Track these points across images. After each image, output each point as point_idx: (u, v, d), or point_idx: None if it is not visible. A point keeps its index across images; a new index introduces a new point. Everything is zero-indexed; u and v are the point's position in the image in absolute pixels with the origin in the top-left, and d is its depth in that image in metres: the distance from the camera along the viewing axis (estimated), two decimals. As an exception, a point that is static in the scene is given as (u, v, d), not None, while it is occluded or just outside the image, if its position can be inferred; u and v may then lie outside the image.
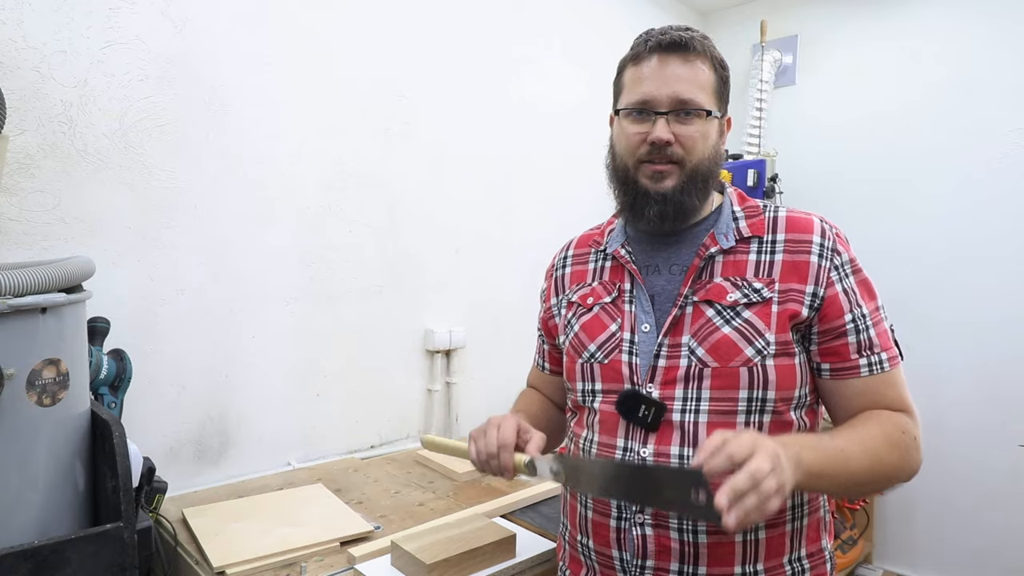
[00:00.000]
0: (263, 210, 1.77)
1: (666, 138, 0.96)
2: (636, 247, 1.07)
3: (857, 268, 0.98)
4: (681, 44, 0.97)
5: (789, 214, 1.01)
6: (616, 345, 1.01)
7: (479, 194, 2.31)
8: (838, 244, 0.97)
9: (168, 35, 1.57)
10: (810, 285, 0.94)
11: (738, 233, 1.00)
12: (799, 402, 0.97)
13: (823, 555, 1.02)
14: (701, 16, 3.29)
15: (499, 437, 0.97)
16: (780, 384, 0.94)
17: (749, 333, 0.93)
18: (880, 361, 0.95)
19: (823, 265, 0.95)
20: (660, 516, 0.94)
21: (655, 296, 1.01)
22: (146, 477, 1.21)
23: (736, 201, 1.05)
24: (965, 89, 2.56)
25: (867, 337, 0.95)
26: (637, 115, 0.99)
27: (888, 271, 2.73)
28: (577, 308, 1.09)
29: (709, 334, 0.95)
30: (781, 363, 0.94)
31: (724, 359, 0.93)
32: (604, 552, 1.00)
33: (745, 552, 0.94)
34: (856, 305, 0.96)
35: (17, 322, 0.90)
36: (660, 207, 0.98)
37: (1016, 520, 2.49)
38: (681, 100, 0.96)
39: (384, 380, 2.08)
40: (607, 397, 1.01)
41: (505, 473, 0.97)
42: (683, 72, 0.97)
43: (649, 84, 0.97)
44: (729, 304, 0.95)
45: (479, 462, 1.00)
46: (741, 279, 0.97)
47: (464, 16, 2.22)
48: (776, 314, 0.94)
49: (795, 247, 0.97)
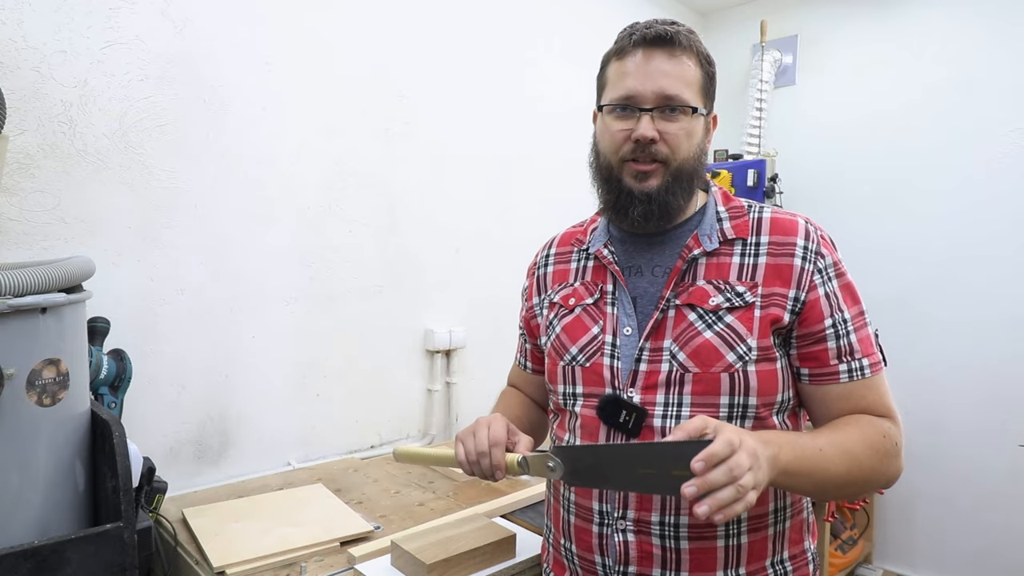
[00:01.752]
0: (263, 210, 1.77)
1: (651, 135, 0.93)
2: (619, 247, 1.05)
3: (841, 272, 0.96)
4: (666, 38, 0.94)
5: (774, 215, 0.99)
6: (598, 348, 1.00)
7: (479, 194, 2.31)
8: (822, 247, 0.95)
9: (168, 35, 1.57)
10: (792, 289, 0.93)
11: (722, 235, 0.98)
12: (781, 407, 0.96)
13: (806, 557, 1.01)
14: (701, 16, 3.29)
15: (490, 436, 0.95)
16: (762, 390, 0.93)
17: (731, 338, 0.92)
18: (861, 367, 0.94)
19: (806, 268, 0.93)
20: (642, 523, 0.93)
21: (637, 298, 1.00)
22: (146, 477, 1.20)
23: (720, 201, 1.03)
24: (965, 89, 2.56)
25: (847, 343, 0.93)
26: (621, 111, 0.96)
27: (888, 270, 2.73)
28: (559, 309, 1.07)
29: (691, 339, 0.93)
30: (763, 368, 0.93)
31: (705, 364, 0.92)
32: (586, 557, 0.99)
33: (727, 557, 0.93)
34: (837, 310, 0.94)
35: (17, 322, 0.90)
36: (645, 207, 0.96)
37: (1016, 520, 2.49)
38: (666, 96, 0.93)
39: (384, 380, 2.08)
40: (588, 401, 1.00)
41: (496, 472, 0.94)
42: (668, 67, 0.94)
43: (633, 79, 0.95)
44: (711, 308, 0.94)
45: (468, 463, 0.96)
46: (724, 283, 0.95)
47: (464, 16, 2.22)
48: (759, 319, 0.92)
49: (779, 250, 0.95)
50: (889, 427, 0.93)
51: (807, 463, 0.84)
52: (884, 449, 0.90)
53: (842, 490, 0.93)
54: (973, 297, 2.57)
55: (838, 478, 0.87)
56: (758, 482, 0.74)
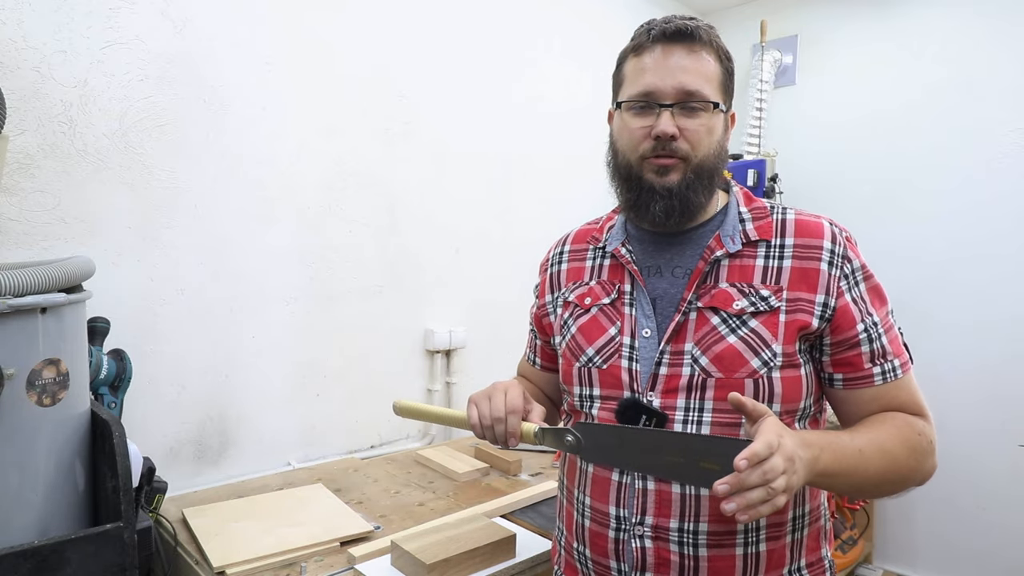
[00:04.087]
0: (263, 210, 1.77)
1: (671, 131, 0.91)
2: (637, 246, 1.02)
3: (868, 274, 0.95)
4: (686, 33, 0.92)
5: (798, 217, 0.96)
6: (615, 350, 0.97)
7: (479, 194, 2.31)
8: (848, 250, 0.94)
9: (168, 35, 1.57)
10: (820, 294, 0.91)
11: (744, 236, 0.96)
12: (803, 413, 0.95)
13: (823, 564, 1.00)
14: (701, 16, 3.28)
15: (507, 402, 0.93)
16: (786, 396, 0.91)
17: (756, 343, 0.90)
18: (893, 368, 0.93)
19: (833, 274, 0.92)
20: (660, 529, 0.92)
21: (656, 299, 0.97)
22: (146, 477, 1.20)
23: (743, 201, 1.00)
24: (965, 89, 2.56)
25: (880, 345, 0.92)
26: (640, 108, 0.94)
27: (888, 271, 2.70)
28: (574, 308, 1.05)
29: (714, 343, 0.91)
30: (787, 375, 0.91)
31: (729, 370, 0.90)
32: (601, 562, 0.98)
33: (746, 565, 0.92)
34: (867, 314, 0.93)
35: (17, 322, 0.90)
36: (666, 202, 0.93)
37: (1016, 520, 2.49)
38: (687, 91, 0.91)
39: (384, 380, 2.08)
40: (606, 403, 0.98)
41: (510, 439, 0.92)
42: (688, 63, 0.92)
43: (652, 75, 0.92)
44: (735, 312, 0.91)
45: (480, 427, 0.94)
46: (748, 286, 0.93)
47: (464, 16, 2.22)
48: (784, 324, 0.90)
49: (804, 252, 0.93)
50: (924, 425, 0.93)
51: (846, 464, 0.84)
52: (920, 447, 0.90)
53: (879, 488, 0.93)
54: (973, 297, 2.57)
55: (876, 477, 0.87)
56: (790, 486, 0.74)
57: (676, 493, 0.91)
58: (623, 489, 0.95)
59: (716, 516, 0.90)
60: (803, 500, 0.97)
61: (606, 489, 0.97)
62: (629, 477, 0.94)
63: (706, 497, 0.90)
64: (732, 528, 0.91)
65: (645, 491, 0.93)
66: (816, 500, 1.00)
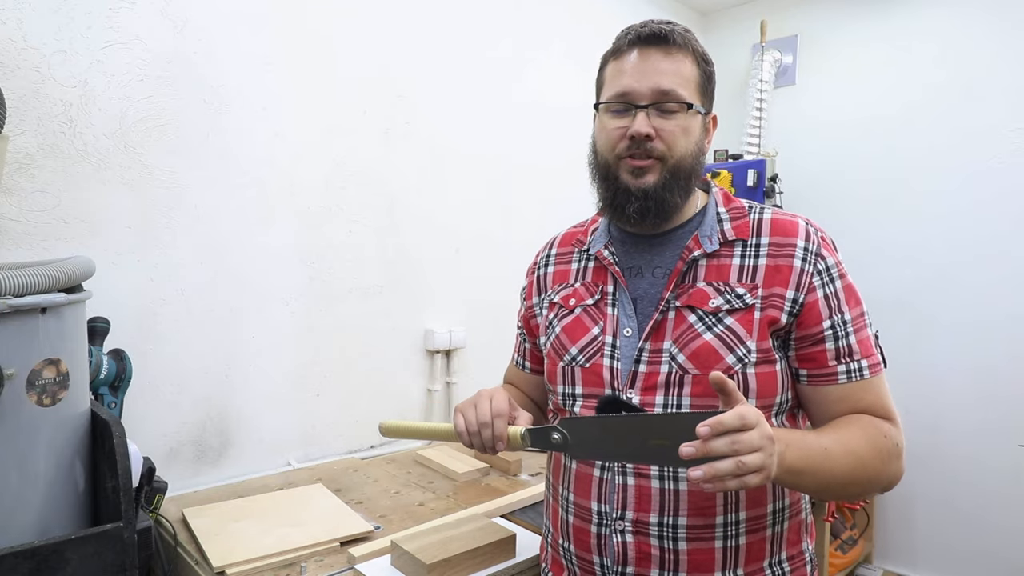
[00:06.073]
0: (263, 210, 1.77)
1: (645, 131, 0.93)
2: (619, 248, 1.05)
3: (842, 273, 0.96)
4: (661, 37, 0.95)
5: (775, 216, 0.98)
6: (598, 349, 1.00)
7: (479, 194, 2.31)
8: (823, 248, 0.95)
9: (168, 35, 1.57)
10: (791, 290, 0.92)
11: (722, 236, 0.98)
12: (780, 408, 0.96)
13: (803, 557, 1.01)
14: (701, 16, 3.29)
15: (492, 407, 0.93)
16: (761, 392, 0.93)
17: (731, 340, 0.92)
18: (860, 368, 0.93)
19: (806, 270, 0.93)
20: (640, 523, 0.94)
21: (638, 299, 1.00)
22: (146, 477, 1.20)
23: (721, 202, 1.03)
24: (965, 89, 2.56)
25: (846, 344, 0.93)
26: (617, 109, 0.97)
27: (888, 271, 2.73)
28: (559, 309, 1.08)
29: (690, 340, 0.93)
30: (762, 371, 0.92)
31: (705, 366, 0.91)
32: (585, 557, 0.99)
33: (726, 558, 0.93)
34: (837, 311, 0.94)
35: (17, 322, 0.90)
36: (641, 203, 0.95)
37: (1016, 520, 2.49)
38: (662, 91, 0.93)
39: (384, 380, 2.08)
40: (587, 401, 1.00)
41: (498, 444, 0.92)
42: (664, 65, 0.94)
43: (629, 77, 0.95)
44: (711, 310, 0.93)
45: (468, 433, 0.94)
46: (724, 284, 0.95)
47: (464, 16, 2.22)
48: (758, 321, 0.92)
49: (779, 251, 0.95)
50: (890, 428, 0.93)
51: (811, 462, 0.84)
52: (887, 450, 0.90)
53: (845, 490, 0.93)
54: (973, 297, 2.57)
55: (842, 478, 0.87)
56: (766, 466, 0.73)
57: (655, 488, 0.93)
58: (604, 485, 0.97)
59: (695, 510, 0.92)
60: (783, 494, 0.98)
61: (588, 485, 0.98)
62: (610, 473, 0.96)
63: (685, 491, 0.92)
64: (711, 522, 0.92)
65: (625, 486, 0.94)
66: (796, 494, 1.01)
